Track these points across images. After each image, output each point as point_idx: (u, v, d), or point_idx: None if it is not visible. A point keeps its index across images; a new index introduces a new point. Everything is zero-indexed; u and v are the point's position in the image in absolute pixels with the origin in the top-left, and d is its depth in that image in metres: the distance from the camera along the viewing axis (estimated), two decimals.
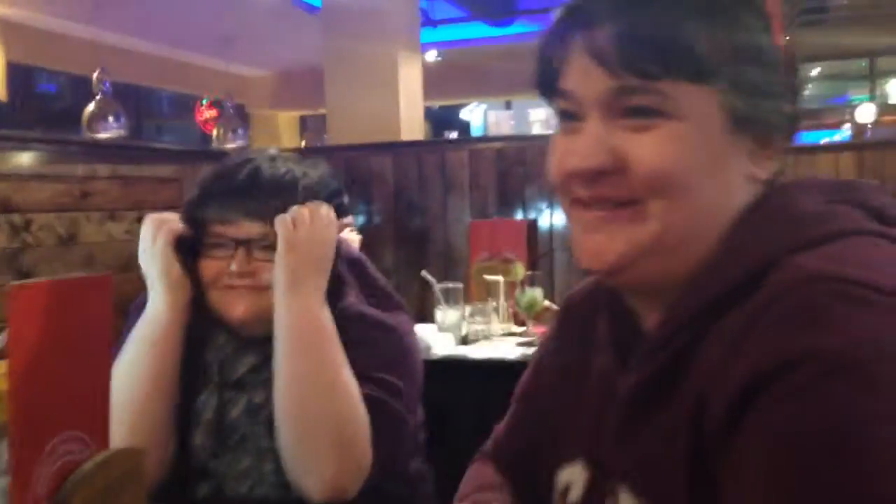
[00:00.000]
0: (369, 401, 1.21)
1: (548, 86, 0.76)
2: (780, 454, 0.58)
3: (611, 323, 0.82)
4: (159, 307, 1.27)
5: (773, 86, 0.72)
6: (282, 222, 1.24)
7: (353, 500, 1.18)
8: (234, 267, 1.26)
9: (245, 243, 1.27)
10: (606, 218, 0.72)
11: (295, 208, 1.26)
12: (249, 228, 1.27)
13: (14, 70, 7.76)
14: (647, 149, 0.69)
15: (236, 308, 1.26)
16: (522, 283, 2.54)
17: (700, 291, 0.70)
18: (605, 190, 0.71)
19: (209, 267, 1.28)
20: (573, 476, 0.82)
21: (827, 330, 0.59)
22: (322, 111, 5.35)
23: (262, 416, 1.25)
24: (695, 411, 0.66)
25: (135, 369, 1.23)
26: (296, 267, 1.24)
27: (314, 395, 1.19)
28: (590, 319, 0.88)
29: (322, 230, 1.27)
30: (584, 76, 0.71)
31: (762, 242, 0.68)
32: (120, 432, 1.09)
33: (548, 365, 0.95)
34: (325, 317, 1.24)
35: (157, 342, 1.25)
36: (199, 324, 1.30)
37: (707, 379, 0.65)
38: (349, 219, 2.63)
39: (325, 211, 1.29)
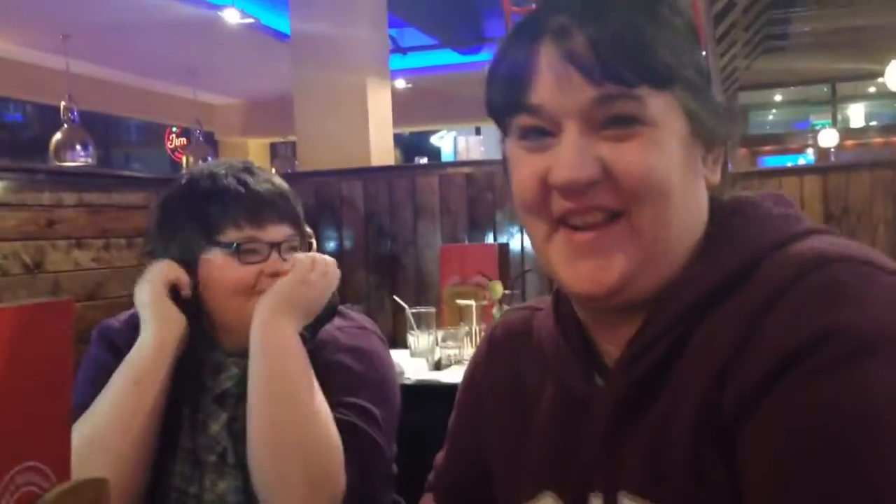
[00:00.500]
0: (342, 425, 1.20)
1: (513, 103, 0.73)
2: (813, 431, 0.58)
3: (567, 344, 0.81)
4: (149, 343, 1.24)
5: (711, 93, 0.75)
6: (300, 260, 1.29)
7: None
8: (271, 269, 1.27)
9: (278, 246, 1.28)
10: (599, 239, 0.71)
11: (319, 256, 1.33)
12: (279, 231, 1.29)
13: None
14: (631, 157, 0.69)
15: None
16: (501, 301, 2.54)
17: (688, 289, 0.71)
18: (597, 199, 0.70)
19: (245, 273, 1.26)
20: None
21: (853, 306, 0.60)
22: (292, 138, 5.35)
23: (242, 431, 1.22)
24: (705, 399, 0.66)
25: (119, 405, 1.19)
26: (294, 299, 1.25)
27: (284, 420, 1.17)
28: (524, 351, 0.87)
29: (330, 283, 1.32)
30: (559, 88, 0.70)
31: (749, 238, 0.71)
32: (98, 464, 1.07)
33: (480, 398, 0.94)
34: (298, 343, 1.24)
35: (141, 380, 1.21)
36: (195, 349, 1.28)
37: (719, 364, 0.65)
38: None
39: (336, 268, 1.34)
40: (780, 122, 14.73)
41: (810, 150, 13.08)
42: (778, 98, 14.34)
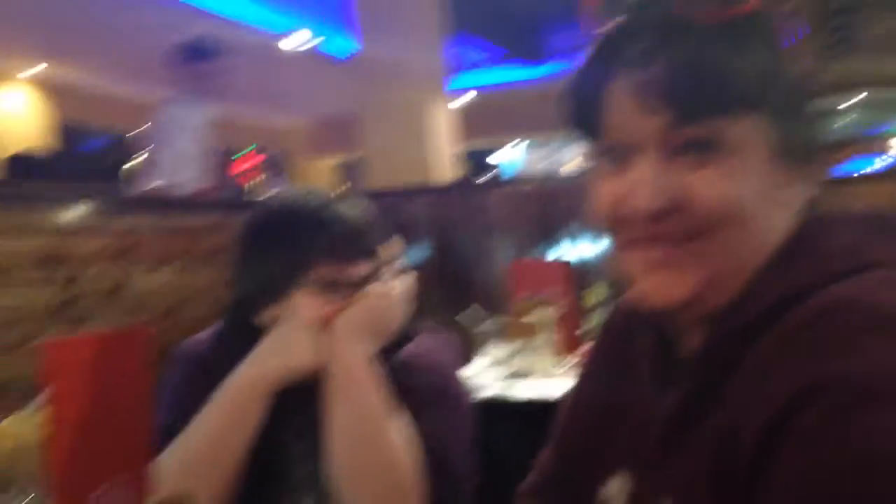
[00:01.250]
0: (419, 445, 1.20)
1: (590, 123, 0.74)
2: (812, 482, 0.57)
3: (653, 340, 0.82)
4: (271, 374, 1.24)
5: (804, 110, 0.73)
6: (375, 285, 1.29)
7: None
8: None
9: (364, 281, 1.28)
10: (669, 257, 0.71)
11: (395, 281, 1.33)
12: (365, 267, 1.29)
13: (63, 129, 8.01)
14: (708, 186, 0.68)
15: None
16: (602, 305, 2.55)
17: (738, 316, 0.70)
18: (667, 228, 0.70)
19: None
20: (614, 490, 0.81)
21: (857, 356, 0.58)
22: (356, 157, 5.42)
23: (322, 453, 1.23)
24: (726, 435, 0.65)
25: (220, 429, 1.20)
26: (368, 323, 1.26)
27: (360, 442, 1.18)
28: (630, 335, 0.87)
29: (405, 307, 1.33)
30: (634, 117, 0.70)
31: (796, 272, 0.69)
32: (194, 483, 1.08)
33: (589, 383, 0.95)
34: (372, 366, 1.24)
35: (240, 399, 1.22)
36: None
37: (739, 404, 0.65)
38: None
39: (412, 290, 1.36)
40: (858, 125, 14.30)
41: (884, 155, 12.66)
42: (849, 102, 13.94)
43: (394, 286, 1.32)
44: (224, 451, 1.19)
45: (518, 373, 2.40)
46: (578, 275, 2.79)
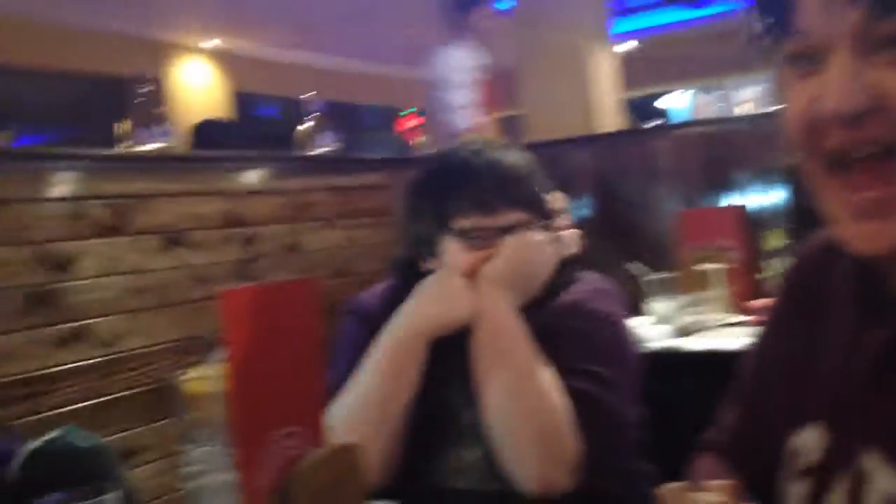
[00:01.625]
0: (576, 394, 1.18)
1: (777, 29, 0.67)
2: None
3: (855, 277, 0.75)
4: (430, 323, 1.26)
5: None
6: (518, 238, 1.28)
7: (568, 495, 1.15)
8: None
9: (509, 230, 1.28)
10: (881, 199, 0.63)
11: (539, 234, 1.31)
12: (511, 216, 1.29)
13: (237, 97, 8.46)
14: None
15: None
16: (781, 251, 2.42)
17: None
18: (867, 134, 0.62)
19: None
20: (808, 441, 0.76)
21: None
22: (516, 112, 5.38)
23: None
24: None
25: (384, 378, 1.23)
26: (510, 274, 1.26)
27: (511, 391, 1.18)
28: (822, 278, 0.80)
29: (549, 260, 1.31)
30: (826, 10, 0.63)
31: None
32: (361, 434, 1.08)
33: (774, 334, 0.88)
34: (513, 316, 1.24)
35: (399, 354, 1.25)
36: None
37: None
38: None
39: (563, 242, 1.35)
40: None
41: None
42: None
43: (538, 236, 1.29)
44: (389, 402, 1.23)
45: (688, 327, 2.32)
46: (753, 222, 2.65)
